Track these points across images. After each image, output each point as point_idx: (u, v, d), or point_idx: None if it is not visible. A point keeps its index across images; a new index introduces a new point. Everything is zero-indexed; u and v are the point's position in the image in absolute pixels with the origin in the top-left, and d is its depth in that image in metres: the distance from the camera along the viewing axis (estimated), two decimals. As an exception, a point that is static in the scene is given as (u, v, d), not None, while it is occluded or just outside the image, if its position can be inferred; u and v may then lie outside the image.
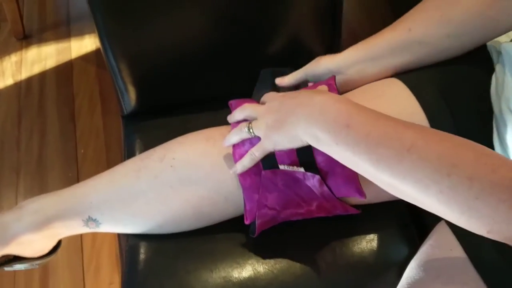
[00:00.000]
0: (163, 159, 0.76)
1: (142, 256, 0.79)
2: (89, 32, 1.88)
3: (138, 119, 0.98)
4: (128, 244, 0.81)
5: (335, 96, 0.63)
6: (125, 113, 0.98)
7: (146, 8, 0.84)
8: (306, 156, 0.69)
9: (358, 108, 0.60)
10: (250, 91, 0.88)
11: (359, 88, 0.79)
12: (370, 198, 0.74)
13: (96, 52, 1.83)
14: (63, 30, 1.89)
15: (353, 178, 0.69)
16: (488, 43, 0.77)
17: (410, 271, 0.70)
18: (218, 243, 0.79)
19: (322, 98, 0.62)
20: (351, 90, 0.80)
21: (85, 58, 1.81)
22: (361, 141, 0.57)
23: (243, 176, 0.71)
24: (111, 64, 0.88)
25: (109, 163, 1.54)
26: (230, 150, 0.73)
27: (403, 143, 0.54)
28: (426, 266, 0.69)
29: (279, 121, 0.65)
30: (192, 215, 0.77)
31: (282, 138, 0.65)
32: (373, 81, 0.79)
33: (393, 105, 0.74)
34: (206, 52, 0.93)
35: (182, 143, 0.78)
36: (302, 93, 0.66)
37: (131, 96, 0.94)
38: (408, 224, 0.83)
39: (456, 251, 0.69)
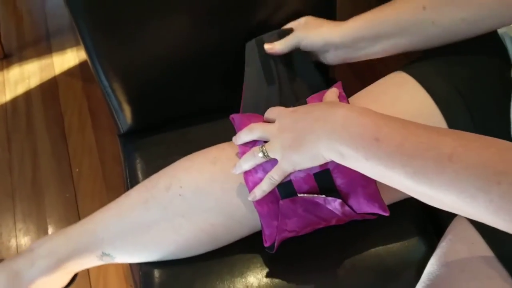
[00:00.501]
0: (170, 188, 0.73)
1: (157, 281, 0.77)
2: (71, 46, 1.84)
3: (136, 137, 0.95)
4: (142, 270, 0.79)
5: (355, 108, 0.59)
6: (122, 132, 0.95)
7: (133, 23, 0.81)
8: (325, 180, 0.66)
9: (384, 118, 0.57)
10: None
11: (368, 91, 0.77)
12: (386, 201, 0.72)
13: (80, 65, 1.79)
14: (44, 46, 1.85)
15: (375, 196, 0.67)
16: (500, 31, 0.74)
17: (431, 267, 0.69)
18: (235, 260, 0.77)
19: (343, 112, 0.58)
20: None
21: (69, 73, 1.77)
22: (394, 154, 0.53)
23: (259, 204, 0.68)
24: (104, 84, 0.85)
25: (106, 180, 1.51)
26: (240, 173, 0.70)
27: (442, 152, 0.50)
28: (447, 261, 0.67)
29: (297, 140, 0.61)
30: (207, 242, 0.75)
31: (302, 158, 0.62)
32: (375, 58, 0.78)
33: (410, 109, 0.72)
34: (200, 62, 0.90)
35: (188, 169, 0.75)
36: (316, 107, 0.62)
37: (127, 115, 0.91)
38: (424, 221, 0.82)
39: (478, 244, 0.67)
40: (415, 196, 0.56)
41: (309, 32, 0.78)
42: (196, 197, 0.72)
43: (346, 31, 0.75)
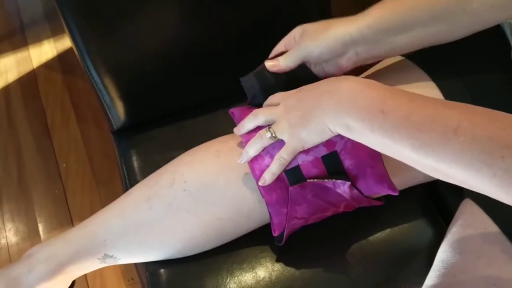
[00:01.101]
0: (173, 183, 0.71)
1: (165, 280, 0.76)
2: (47, 37, 1.78)
3: (130, 133, 0.93)
4: (148, 270, 0.78)
5: (362, 80, 0.58)
6: (115, 128, 0.93)
7: (123, 18, 0.78)
8: (333, 163, 0.65)
9: (391, 91, 0.56)
10: (242, 89, 0.84)
11: (370, 75, 0.76)
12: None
13: (59, 57, 1.74)
14: (19, 39, 1.79)
15: (383, 176, 0.66)
16: None
17: (444, 254, 0.69)
18: (243, 254, 0.77)
19: (349, 84, 0.57)
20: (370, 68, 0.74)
21: (48, 66, 1.71)
22: (400, 127, 0.53)
23: (268, 192, 0.67)
24: (95, 81, 0.83)
25: (95, 174, 1.48)
26: (243, 164, 0.69)
27: (448, 125, 0.50)
28: (461, 248, 0.67)
29: (303, 117, 0.60)
30: (214, 237, 0.73)
31: (310, 134, 0.61)
32: (396, 55, 0.73)
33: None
34: (192, 53, 0.88)
35: (190, 163, 0.73)
36: (322, 82, 0.61)
37: (120, 111, 0.89)
38: (430, 206, 0.82)
39: (491, 229, 0.67)
40: (420, 169, 0.55)
41: (318, 38, 0.67)
42: (201, 191, 0.70)
43: (368, 23, 0.65)
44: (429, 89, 0.71)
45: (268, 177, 0.65)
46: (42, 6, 1.87)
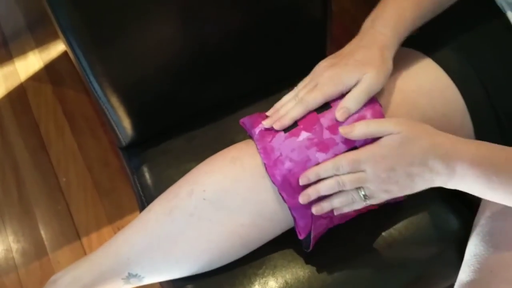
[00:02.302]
0: (192, 193, 0.70)
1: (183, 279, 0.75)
2: (31, 48, 1.74)
3: (140, 149, 0.91)
4: (175, 286, 0.76)
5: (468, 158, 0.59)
6: (124, 145, 0.90)
7: (126, 37, 0.76)
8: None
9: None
10: (248, 92, 0.83)
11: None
12: None
13: (46, 68, 1.69)
14: (3, 53, 1.74)
15: None
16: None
17: (476, 249, 0.69)
18: (273, 264, 0.75)
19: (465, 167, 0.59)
20: None
21: (36, 78, 1.67)
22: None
23: (290, 195, 0.66)
24: (102, 101, 0.80)
25: (97, 185, 1.46)
26: (261, 169, 0.68)
27: None
28: (494, 242, 0.67)
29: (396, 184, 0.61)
30: (239, 245, 0.72)
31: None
32: None
33: (425, 83, 0.72)
34: (196, 62, 0.86)
35: (208, 172, 0.72)
36: (423, 154, 0.60)
37: (128, 127, 0.87)
38: (451, 196, 0.82)
39: None
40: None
41: (363, 73, 0.65)
42: (222, 199, 0.69)
43: (399, 33, 0.68)
44: (440, 79, 0.72)
45: (312, 195, 0.65)
46: (23, 17, 1.82)
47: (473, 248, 0.69)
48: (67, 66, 1.69)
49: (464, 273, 0.67)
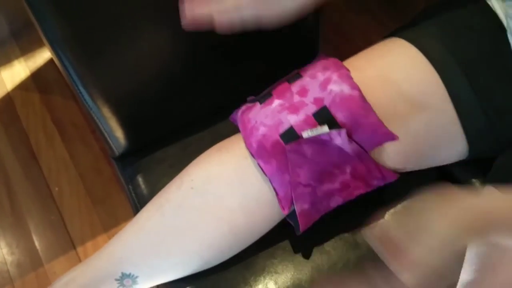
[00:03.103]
0: (181, 185, 0.71)
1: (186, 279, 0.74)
2: (17, 57, 1.72)
3: (134, 159, 0.90)
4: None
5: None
6: (117, 154, 0.90)
7: (116, 47, 0.75)
8: (325, 117, 0.66)
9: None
10: (241, 98, 0.82)
11: (364, 55, 0.76)
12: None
13: (32, 76, 1.67)
14: (-13, 62, 1.72)
15: (378, 125, 0.67)
16: None
17: (476, 248, 0.69)
18: (273, 268, 0.75)
19: None
20: None
21: (23, 87, 1.65)
22: None
23: (267, 161, 0.67)
24: (94, 111, 0.79)
25: (89, 193, 1.44)
26: (245, 151, 0.69)
27: None
28: (495, 240, 0.67)
29: None
30: (229, 232, 0.71)
31: None
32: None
33: (409, 72, 0.72)
34: (188, 70, 0.85)
35: (196, 163, 0.73)
36: None
37: (121, 137, 0.86)
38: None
39: None
40: None
41: None
42: (208, 185, 0.70)
43: None
44: (423, 68, 0.72)
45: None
46: (6, 25, 1.79)
47: (474, 247, 0.69)
48: (53, 73, 1.67)
49: (466, 273, 0.67)
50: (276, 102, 0.69)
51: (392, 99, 0.70)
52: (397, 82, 0.71)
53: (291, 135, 0.66)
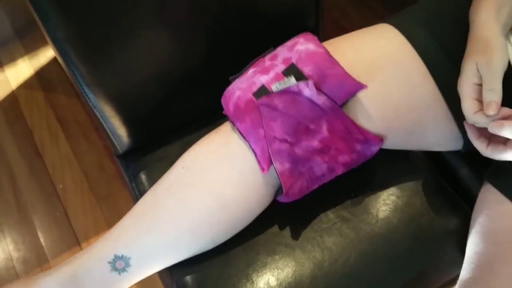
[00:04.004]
0: (174, 168, 0.75)
1: (188, 277, 0.77)
2: (21, 55, 1.73)
3: (136, 156, 0.91)
4: (175, 281, 0.78)
5: None
6: (120, 152, 0.91)
7: (120, 47, 0.76)
8: (292, 71, 0.69)
9: None
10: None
11: (347, 37, 0.78)
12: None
13: (37, 75, 1.69)
14: (-9, 61, 1.73)
15: (344, 75, 0.69)
16: None
17: (476, 247, 0.69)
18: (273, 264, 0.76)
19: None
20: None
21: (27, 86, 1.67)
22: None
23: (241, 120, 0.70)
24: (98, 110, 0.80)
25: (93, 190, 1.46)
26: (230, 128, 0.73)
27: None
28: (495, 240, 0.68)
29: None
30: (216, 204, 0.71)
31: None
32: None
33: (390, 53, 0.73)
34: (190, 68, 0.86)
35: (189, 149, 0.77)
36: None
37: (124, 135, 0.87)
38: (451, 191, 0.83)
39: None
40: None
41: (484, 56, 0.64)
42: (196, 162, 0.73)
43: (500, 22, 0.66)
44: (404, 49, 0.74)
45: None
46: (10, 25, 1.81)
47: (473, 246, 0.70)
48: (57, 71, 1.68)
49: (465, 271, 0.68)
50: (250, 70, 0.73)
51: (366, 69, 0.72)
52: (371, 56, 0.73)
53: (263, 92, 0.69)
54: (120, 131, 0.85)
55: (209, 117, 0.92)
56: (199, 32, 0.83)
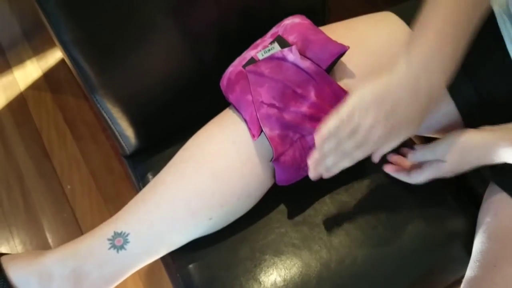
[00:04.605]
0: (176, 153, 0.78)
1: (198, 279, 0.77)
2: (29, 57, 1.74)
3: (144, 157, 0.91)
4: (180, 273, 0.79)
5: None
6: (128, 153, 0.91)
7: (129, 52, 0.77)
8: (278, 42, 0.73)
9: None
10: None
11: (346, 22, 0.80)
12: None
13: (45, 76, 1.70)
14: (1, 63, 1.74)
15: (327, 40, 0.72)
16: None
17: (482, 245, 0.69)
18: (280, 263, 0.77)
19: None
20: None
21: (35, 87, 1.68)
22: None
23: (231, 91, 0.74)
24: (107, 112, 0.81)
25: (101, 191, 1.46)
26: (228, 110, 0.78)
27: None
28: (500, 239, 0.68)
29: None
30: (210, 175, 0.72)
31: None
32: None
33: (389, 39, 0.76)
34: (197, 70, 0.87)
35: None
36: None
37: (132, 136, 0.87)
38: (458, 192, 0.83)
39: None
40: None
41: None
42: (194, 142, 0.76)
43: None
44: (403, 34, 0.76)
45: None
46: (19, 26, 1.82)
47: (480, 245, 0.70)
48: (65, 73, 1.69)
49: (471, 269, 0.68)
50: (244, 52, 0.78)
51: (355, 41, 0.74)
52: (364, 34, 0.76)
53: (251, 63, 0.73)
54: (127, 132, 0.86)
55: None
56: (206, 34, 0.83)
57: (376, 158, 0.67)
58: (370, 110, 0.59)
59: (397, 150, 0.80)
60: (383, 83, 0.60)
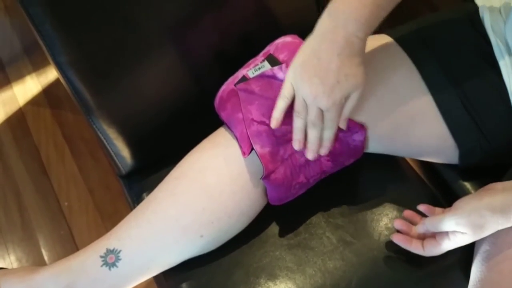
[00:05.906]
0: (170, 172, 0.78)
1: None
2: (29, 72, 1.75)
3: (140, 177, 0.91)
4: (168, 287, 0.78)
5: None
6: (124, 173, 0.91)
7: (123, 70, 0.78)
8: (269, 60, 0.75)
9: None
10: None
11: None
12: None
13: (44, 92, 1.70)
14: (0, 78, 1.75)
15: None
16: None
17: (480, 274, 0.68)
18: (266, 279, 0.76)
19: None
20: None
21: (35, 102, 1.68)
22: None
23: (223, 109, 0.76)
24: (102, 133, 0.81)
25: (99, 208, 1.46)
26: (221, 128, 0.79)
27: None
28: (499, 268, 0.67)
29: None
30: (201, 191, 0.73)
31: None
32: None
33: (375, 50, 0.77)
34: (193, 91, 0.87)
35: None
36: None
37: (127, 156, 0.87)
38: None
39: None
40: None
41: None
42: (187, 159, 0.77)
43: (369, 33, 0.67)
44: (388, 44, 0.79)
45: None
46: (19, 42, 1.83)
47: (478, 273, 0.69)
48: (64, 89, 1.68)
49: (476, 268, 0.68)
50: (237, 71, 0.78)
51: None
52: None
53: (242, 81, 0.74)
54: (123, 153, 0.86)
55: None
56: (202, 57, 0.83)
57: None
58: (302, 75, 0.64)
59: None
60: (305, 45, 0.66)
